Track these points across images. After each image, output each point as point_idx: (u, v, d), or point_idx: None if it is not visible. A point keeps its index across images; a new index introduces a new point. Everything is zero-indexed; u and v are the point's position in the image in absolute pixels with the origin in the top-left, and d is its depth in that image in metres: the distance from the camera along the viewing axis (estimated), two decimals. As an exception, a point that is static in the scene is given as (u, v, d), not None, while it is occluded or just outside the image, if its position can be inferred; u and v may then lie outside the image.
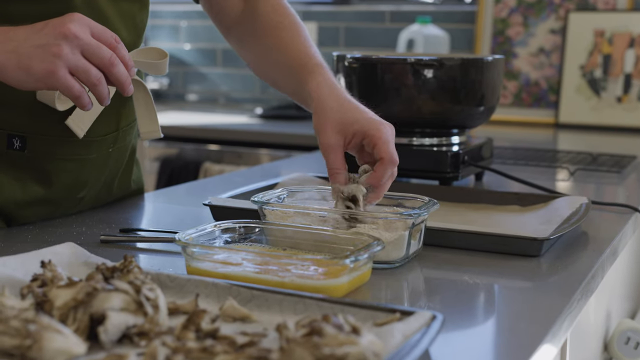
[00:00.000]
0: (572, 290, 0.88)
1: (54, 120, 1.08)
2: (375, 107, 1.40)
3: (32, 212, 1.14)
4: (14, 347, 0.59)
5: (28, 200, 1.12)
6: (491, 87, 1.42)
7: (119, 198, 1.29)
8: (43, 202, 1.14)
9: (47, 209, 1.15)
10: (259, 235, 0.94)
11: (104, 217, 1.18)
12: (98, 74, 0.93)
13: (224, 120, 2.99)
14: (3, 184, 1.09)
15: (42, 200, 1.14)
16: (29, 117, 1.07)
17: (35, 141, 1.09)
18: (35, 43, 0.90)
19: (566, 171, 1.67)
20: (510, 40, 2.77)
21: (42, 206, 1.14)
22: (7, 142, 1.08)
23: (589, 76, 2.64)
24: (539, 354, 0.72)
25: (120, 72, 0.94)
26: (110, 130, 1.17)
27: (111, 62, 0.93)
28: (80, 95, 0.93)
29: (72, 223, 1.13)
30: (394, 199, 1.03)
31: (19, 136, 1.08)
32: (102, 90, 0.94)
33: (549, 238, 0.99)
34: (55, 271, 0.75)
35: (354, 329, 0.60)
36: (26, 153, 1.09)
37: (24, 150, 1.09)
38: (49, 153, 1.11)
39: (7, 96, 1.04)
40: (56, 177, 1.13)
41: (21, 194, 1.11)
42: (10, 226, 1.13)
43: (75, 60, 0.91)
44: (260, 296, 0.75)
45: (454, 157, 1.36)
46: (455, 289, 0.89)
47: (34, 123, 1.08)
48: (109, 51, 0.93)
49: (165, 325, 0.68)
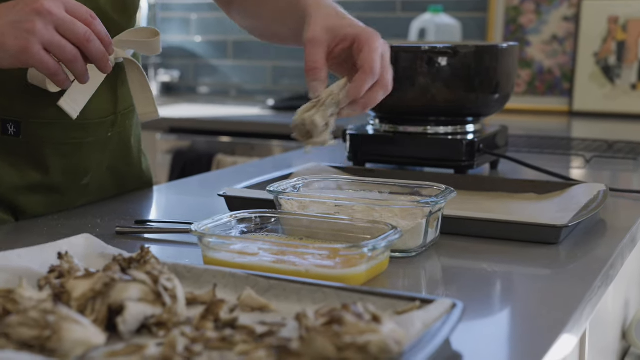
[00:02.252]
0: (592, 278, 0.87)
1: (47, 103, 1.06)
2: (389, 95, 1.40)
3: (35, 200, 1.12)
4: (33, 338, 0.59)
5: (28, 186, 1.11)
6: (506, 75, 1.40)
7: (131, 189, 1.27)
8: (45, 189, 1.12)
9: (51, 198, 1.14)
10: (275, 225, 0.93)
11: (119, 209, 1.18)
12: (73, 50, 0.92)
13: (235, 112, 2.99)
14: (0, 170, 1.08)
15: (43, 187, 1.12)
16: (22, 101, 1.06)
17: (30, 126, 1.08)
18: (9, 20, 0.90)
19: (582, 159, 1.65)
20: (522, 28, 2.75)
21: (45, 194, 1.13)
22: (2, 128, 1.07)
23: (603, 63, 2.62)
24: (561, 342, 0.71)
25: (96, 48, 0.94)
26: (108, 113, 1.15)
27: (86, 37, 0.92)
28: (56, 71, 0.93)
29: (87, 215, 1.13)
30: (410, 187, 1.02)
31: (14, 121, 1.07)
32: (79, 67, 0.94)
33: (568, 225, 0.98)
34: (72, 262, 0.74)
35: (374, 318, 0.59)
36: (21, 138, 1.08)
37: (19, 136, 1.08)
38: (45, 137, 1.09)
39: (1, 81, 1.04)
40: (54, 162, 1.11)
41: (19, 180, 1.10)
42: (18, 219, 1.12)
43: (50, 36, 0.90)
44: (278, 286, 0.74)
45: (469, 145, 1.35)
46: (473, 278, 0.88)
47: (28, 107, 1.07)
48: (84, 27, 0.92)
49: (184, 315, 0.68)
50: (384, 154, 1.41)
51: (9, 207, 1.11)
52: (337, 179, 1.07)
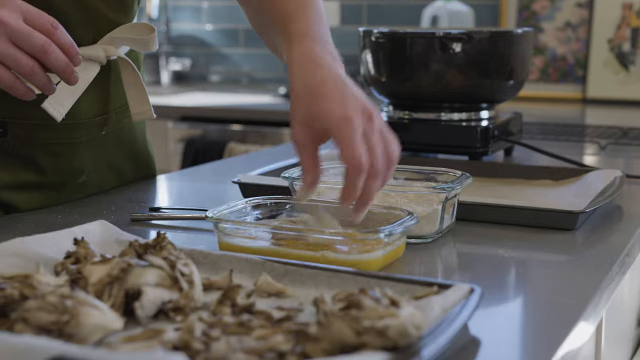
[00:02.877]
0: (609, 264, 0.86)
1: (32, 104, 1.01)
2: (402, 82, 1.39)
3: (28, 197, 1.10)
4: (52, 323, 0.59)
5: (19, 185, 1.09)
6: (520, 61, 1.39)
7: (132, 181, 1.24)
8: (39, 187, 1.10)
9: (47, 195, 1.12)
10: (290, 211, 0.93)
11: (133, 196, 1.17)
12: (30, 63, 0.88)
13: (247, 100, 2.99)
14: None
15: (37, 185, 1.10)
16: (7, 102, 1.02)
17: (16, 126, 1.06)
18: None
19: (596, 146, 1.64)
20: (536, 14, 2.74)
21: (39, 191, 1.11)
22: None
23: (617, 50, 2.60)
24: (578, 330, 0.71)
25: (56, 59, 0.89)
26: (99, 112, 1.12)
27: (44, 49, 0.88)
28: (12, 85, 0.90)
29: (101, 202, 1.13)
30: (425, 173, 1.01)
31: (0, 121, 1.05)
32: (38, 79, 0.90)
33: (585, 211, 0.97)
34: (88, 248, 0.74)
35: (393, 302, 0.59)
36: (8, 138, 1.06)
37: (6, 136, 1.06)
38: (32, 138, 1.07)
39: None
40: (45, 162, 1.09)
41: (10, 179, 1.08)
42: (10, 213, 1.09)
43: (4, 49, 0.87)
44: (295, 271, 0.74)
45: (483, 131, 1.35)
46: (489, 263, 0.88)
47: (13, 108, 1.04)
48: (42, 37, 0.88)
49: (201, 300, 0.68)
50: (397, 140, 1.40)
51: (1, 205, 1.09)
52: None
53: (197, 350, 0.57)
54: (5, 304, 0.62)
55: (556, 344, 0.66)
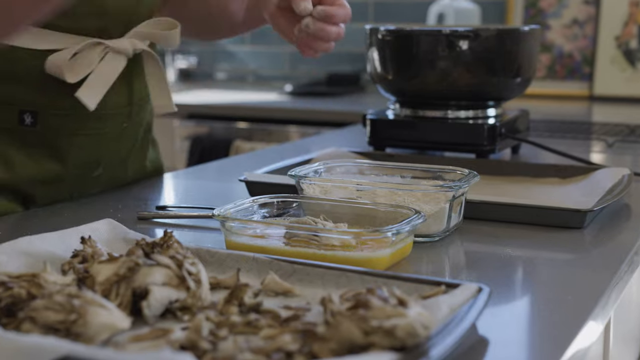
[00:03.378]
0: (618, 263, 0.86)
1: (64, 93, 1.04)
2: (409, 80, 1.39)
3: (45, 191, 1.11)
4: (59, 322, 0.59)
5: (42, 178, 1.10)
6: (527, 58, 1.39)
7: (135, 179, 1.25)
8: (57, 180, 1.11)
9: (60, 188, 1.12)
10: (296, 210, 0.93)
11: (139, 194, 1.18)
12: None
13: (253, 98, 2.98)
14: (15, 161, 1.07)
15: (56, 178, 1.11)
16: (39, 92, 1.05)
17: (47, 116, 1.07)
18: None
19: (603, 143, 1.64)
20: (542, 12, 2.73)
21: (55, 185, 1.12)
22: (19, 118, 1.06)
23: (624, 47, 2.59)
24: (586, 329, 0.71)
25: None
26: (124, 104, 1.13)
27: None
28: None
29: (108, 200, 1.13)
30: (432, 171, 1.01)
31: (30, 111, 1.06)
32: None
33: (593, 209, 0.97)
34: (95, 247, 0.74)
35: (400, 301, 0.59)
36: (38, 128, 1.07)
37: (36, 126, 1.06)
38: (61, 128, 1.08)
39: (17, 71, 1.03)
40: (69, 154, 1.10)
41: (35, 171, 1.09)
42: (28, 208, 1.11)
43: None
44: (302, 270, 0.74)
45: (490, 129, 1.34)
46: (497, 262, 0.87)
47: (45, 97, 1.06)
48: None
49: (208, 300, 0.68)
50: (404, 138, 1.40)
51: (20, 196, 1.10)
52: (359, 163, 1.06)
53: (204, 350, 0.57)
54: (13, 303, 0.62)
55: (565, 344, 0.66)
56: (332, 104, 2.74)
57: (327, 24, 1.05)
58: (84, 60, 1.03)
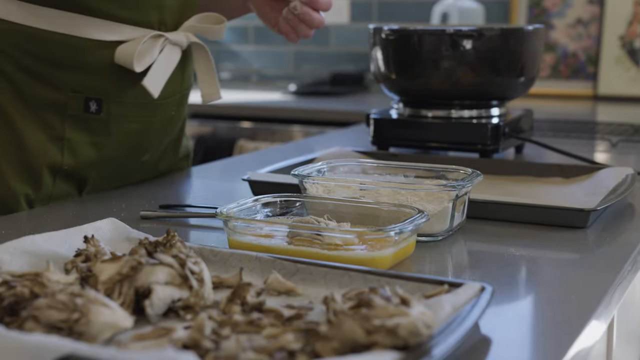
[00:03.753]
0: (621, 262, 0.86)
1: (128, 82, 1.12)
2: (413, 79, 1.39)
3: (99, 175, 1.17)
4: (62, 321, 0.59)
5: (100, 163, 1.15)
6: (531, 58, 1.39)
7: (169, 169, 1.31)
8: (111, 165, 1.18)
9: (112, 173, 1.19)
10: (299, 209, 0.93)
11: (143, 193, 1.18)
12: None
13: (257, 97, 2.98)
14: (80, 147, 1.13)
15: (111, 163, 1.17)
16: (105, 80, 1.11)
17: (111, 104, 1.13)
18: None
19: (607, 143, 1.63)
20: (546, 11, 2.72)
21: (109, 169, 1.18)
22: (85, 106, 1.11)
23: (629, 47, 2.58)
24: (589, 328, 0.70)
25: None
26: (175, 92, 1.20)
27: None
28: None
29: (111, 200, 1.13)
30: (436, 171, 1.01)
31: (96, 99, 1.12)
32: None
33: (596, 209, 0.97)
34: (98, 246, 0.74)
35: (403, 301, 0.59)
36: (102, 116, 1.12)
37: (100, 113, 1.12)
38: (122, 115, 1.14)
39: (85, 60, 1.09)
40: (126, 140, 1.16)
41: (96, 157, 1.14)
42: (82, 192, 1.17)
43: None
44: (305, 269, 0.74)
45: (494, 129, 1.34)
46: (500, 262, 0.87)
47: (111, 86, 1.12)
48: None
49: (211, 299, 0.68)
50: (407, 138, 1.40)
51: (76, 181, 1.16)
52: (362, 162, 1.06)
53: (207, 349, 0.57)
54: (16, 302, 0.62)
55: (568, 343, 0.65)
56: (335, 103, 2.74)
57: (311, 9, 1.13)
58: (147, 52, 1.11)
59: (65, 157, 1.12)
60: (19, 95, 1.09)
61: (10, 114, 1.09)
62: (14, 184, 1.09)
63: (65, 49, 1.08)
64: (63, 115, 1.11)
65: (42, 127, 1.10)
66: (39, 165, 1.10)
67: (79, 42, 1.08)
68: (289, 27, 1.15)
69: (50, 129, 1.11)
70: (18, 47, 1.07)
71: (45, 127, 1.10)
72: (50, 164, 1.11)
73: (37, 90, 1.09)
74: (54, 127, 1.11)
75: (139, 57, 1.09)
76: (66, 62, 1.09)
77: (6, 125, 1.09)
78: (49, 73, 1.09)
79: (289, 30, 1.16)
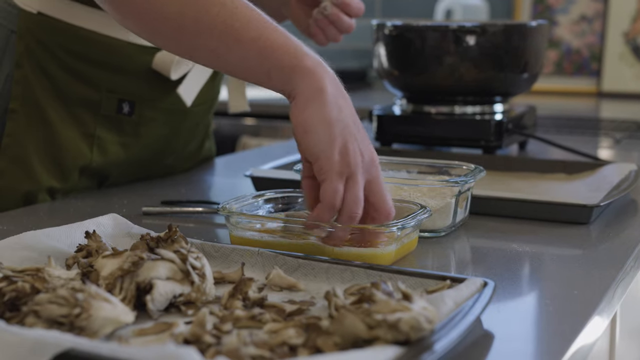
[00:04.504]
0: (624, 258, 0.85)
1: (164, 87, 1.15)
2: (416, 75, 1.38)
3: (121, 172, 1.19)
4: (63, 316, 0.59)
5: (127, 163, 1.18)
6: (535, 54, 1.38)
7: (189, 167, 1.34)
8: (135, 164, 1.20)
9: (133, 172, 1.21)
10: (301, 205, 0.92)
11: (145, 189, 1.18)
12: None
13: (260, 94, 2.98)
14: (109, 146, 1.15)
15: (135, 162, 1.19)
16: (141, 84, 1.13)
17: (143, 107, 1.15)
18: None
19: (611, 139, 1.63)
20: (550, 8, 2.72)
21: (131, 168, 1.20)
22: (118, 107, 1.13)
23: (633, 43, 2.58)
24: (592, 324, 0.70)
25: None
26: (204, 101, 1.23)
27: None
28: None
29: (113, 196, 1.13)
30: (438, 166, 1.01)
31: (129, 101, 1.14)
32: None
33: (599, 205, 0.96)
34: (100, 242, 0.74)
35: (405, 296, 0.58)
36: (133, 118, 1.15)
37: (132, 115, 1.15)
38: (152, 119, 1.17)
39: (123, 63, 1.11)
40: (154, 143, 1.19)
41: (124, 157, 1.17)
42: (101, 187, 1.19)
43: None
44: (307, 265, 0.74)
45: (497, 125, 1.34)
46: (503, 258, 0.87)
47: (146, 90, 1.14)
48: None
49: (212, 294, 0.68)
50: (410, 134, 1.40)
51: (101, 176, 1.18)
52: (365, 158, 1.06)
53: (208, 344, 0.57)
54: (17, 297, 0.62)
55: (570, 339, 0.65)
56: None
57: (342, 12, 1.11)
58: (183, 61, 1.13)
59: (94, 155, 1.14)
60: (55, 91, 1.11)
61: (45, 108, 1.10)
62: (42, 176, 1.11)
63: (105, 50, 1.10)
64: (96, 114, 1.13)
65: (75, 124, 1.12)
66: (69, 160, 1.12)
67: (120, 45, 1.10)
68: (318, 29, 1.14)
69: (83, 126, 1.12)
70: (59, 43, 1.09)
71: (78, 124, 1.12)
72: (80, 160, 1.13)
73: (73, 88, 1.11)
74: (86, 124, 1.12)
75: (176, 66, 1.12)
76: (105, 62, 1.11)
77: (40, 120, 1.11)
78: (87, 72, 1.11)
79: (318, 32, 1.14)
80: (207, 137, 1.36)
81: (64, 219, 0.95)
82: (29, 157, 1.11)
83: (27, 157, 1.11)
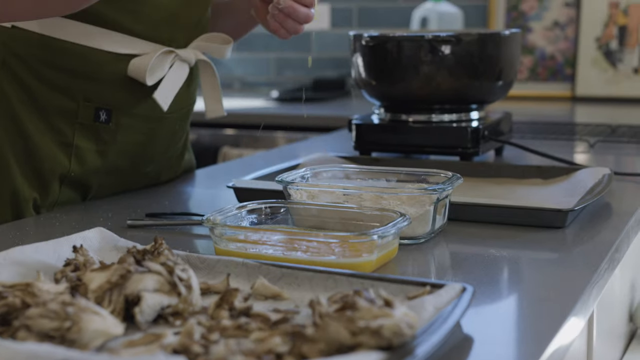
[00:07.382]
0: (598, 261, 0.88)
1: (140, 94, 1.16)
2: (393, 85, 1.41)
3: (103, 182, 1.20)
4: (54, 329, 0.60)
5: (105, 171, 1.19)
6: (509, 62, 1.41)
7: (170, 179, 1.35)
8: (116, 173, 1.21)
9: (116, 181, 1.22)
10: (284, 215, 0.94)
11: (129, 202, 1.19)
12: None
13: (240, 104, 2.99)
14: (87, 155, 1.16)
15: (116, 171, 1.20)
16: (117, 91, 1.15)
17: (120, 114, 1.17)
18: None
19: (585, 143, 1.66)
20: (524, 14, 2.76)
21: (113, 177, 1.21)
22: (95, 115, 1.15)
23: (605, 48, 2.62)
24: (568, 325, 0.72)
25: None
26: (181, 107, 1.24)
27: None
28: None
29: (98, 209, 1.14)
30: (417, 174, 1.03)
31: (106, 109, 1.15)
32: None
33: (574, 209, 0.99)
34: (87, 255, 0.76)
35: (386, 302, 0.60)
36: (110, 126, 1.16)
37: (109, 123, 1.16)
38: (130, 126, 1.18)
39: (98, 71, 1.13)
40: (132, 150, 1.20)
41: (101, 164, 1.18)
42: (85, 198, 1.20)
43: None
44: (290, 274, 0.75)
45: (474, 132, 1.36)
46: (481, 263, 0.89)
47: (122, 97, 1.15)
48: None
49: (199, 304, 0.69)
50: (389, 142, 1.42)
51: (82, 186, 1.19)
52: (345, 168, 1.08)
53: (196, 354, 0.58)
54: (8, 312, 0.63)
55: (547, 340, 0.67)
56: (318, 109, 2.76)
57: (296, 3, 1.13)
58: (158, 66, 1.15)
59: (72, 164, 1.15)
60: (32, 101, 1.12)
61: (22, 119, 1.12)
62: (24, 188, 1.13)
63: (80, 59, 1.12)
64: (73, 123, 1.14)
65: (52, 134, 1.14)
66: (47, 170, 1.14)
67: (94, 54, 1.12)
68: (277, 24, 1.15)
69: (60, 135, 1.14)
70: (34, 55, 1.11)
71: (55, 134, 1.14)
72: (58, 170, 1.14)
73: (49, 98, 1.12)
74: (63, 134, 1.14)
75: (151, 71, 1.13)
76: (80, 72, 1.12)
77: (17, 131, 1.12)
78: (62, 81, 1.12)
79: (277, 27, 1.15)
80: (186, 149, 1.37)
81: (50, 233, 0.96)
82: (10, 169, 1.12)
83: (8, 169, 1.12)
